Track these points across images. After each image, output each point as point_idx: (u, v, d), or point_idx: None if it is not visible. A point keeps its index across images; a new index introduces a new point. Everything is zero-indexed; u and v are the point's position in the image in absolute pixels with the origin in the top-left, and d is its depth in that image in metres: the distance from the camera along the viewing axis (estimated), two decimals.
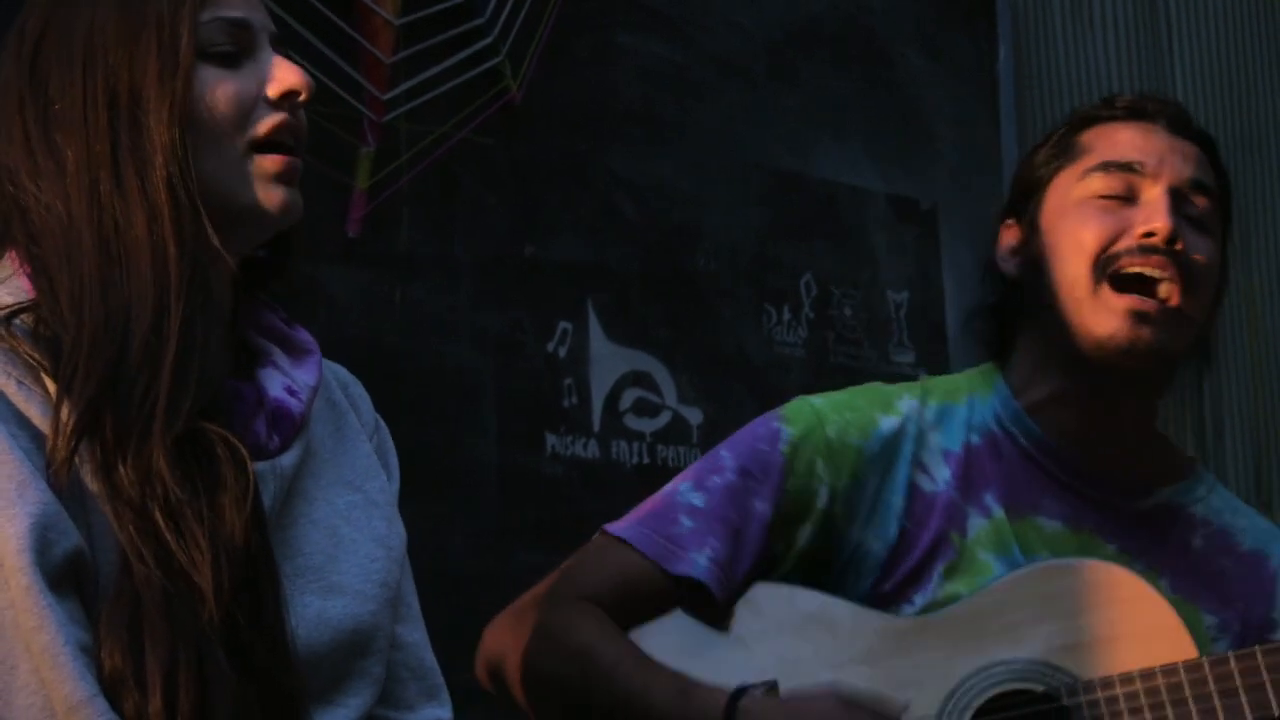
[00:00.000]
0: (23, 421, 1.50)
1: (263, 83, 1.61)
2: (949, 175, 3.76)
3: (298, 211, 1.63)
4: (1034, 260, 2.11)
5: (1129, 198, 2.07)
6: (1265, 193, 4.42)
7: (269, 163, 1.61)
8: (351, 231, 2.96)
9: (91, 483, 1.50)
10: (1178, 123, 2.13)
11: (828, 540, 2.09)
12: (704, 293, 3.38)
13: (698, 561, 2.02)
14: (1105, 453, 2.12)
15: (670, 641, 2.05)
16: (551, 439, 3.16)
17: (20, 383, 1.51)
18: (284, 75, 1.62)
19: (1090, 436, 2.11)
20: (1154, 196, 2.06)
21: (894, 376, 2.27)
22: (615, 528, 2.08)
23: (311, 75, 1.65)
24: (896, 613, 2.07)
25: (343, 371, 1.79)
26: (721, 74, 3.47)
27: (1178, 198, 2.06)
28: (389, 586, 1.68)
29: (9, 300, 1.55)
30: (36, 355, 1.51)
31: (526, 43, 3.18)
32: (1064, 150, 2.13)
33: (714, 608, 2.04)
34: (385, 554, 1.68)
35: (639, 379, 3.29)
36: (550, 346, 3.18)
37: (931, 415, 2.13)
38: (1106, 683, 1.98)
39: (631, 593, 2.04)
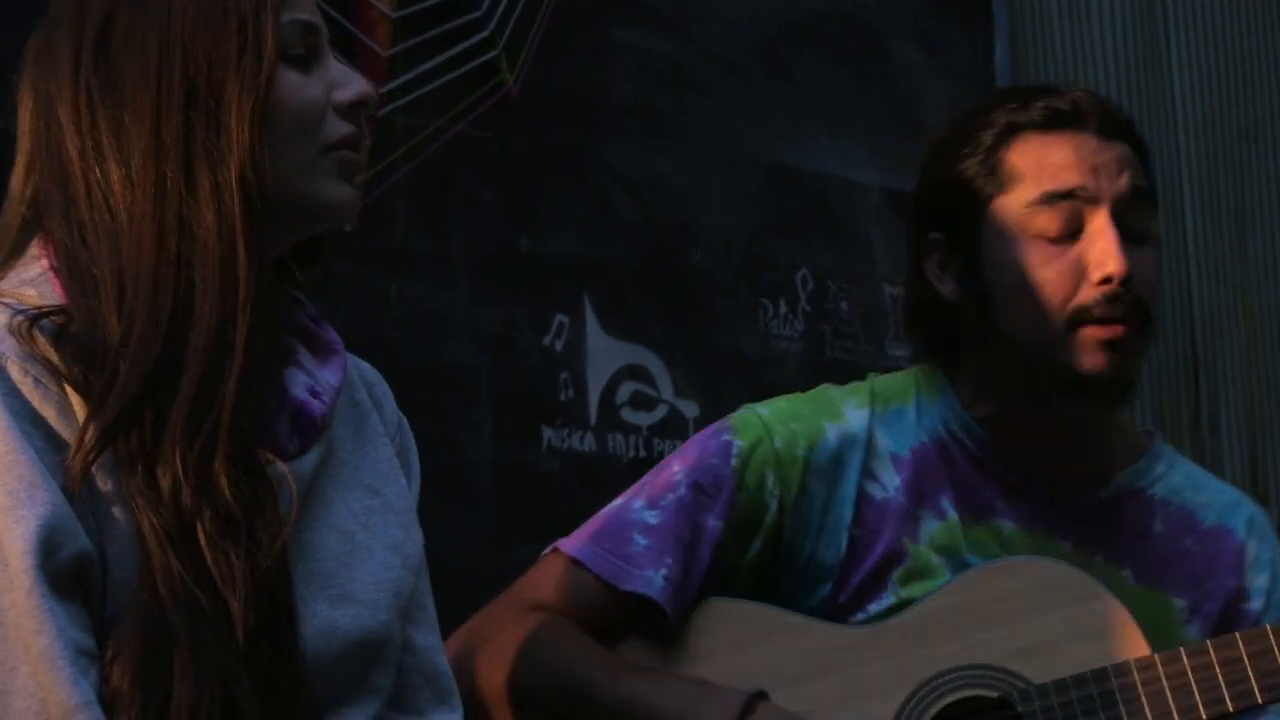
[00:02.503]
0: (38, 420, 1.48)
1: (331, 88, 1.59)
2: None
3: (358, 208, 1.63)
4: (978, 293, 2.08)
5: (1074, 231, 2.04)
6: (1262, 182, 4.42)
7: (341, 159, 1.59)
8: (348, 225, 2.95)
9: (125, 490, 1.48)
10: (1104, 124, 2.09)
11: (777, 552, 2.08)
12: (700, 287, 3.38)
13: (653, 580, 2.02)
14: (1056, 455, 2.11)
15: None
16: (548, 433, 3.16)
17: (38, 381, 1.48)
18: (356, 84, 1.60)
19: (1040, 445, 2.11)
20: (1098, 229, 2.03)
21: (890, 370, 2.26)
22: (568, 546, 2.07)
23: None
24: (851, 622, 2.06)
25: (368, 369, 1.76)
26: (718, 69, 3.47)
27: (1119, 214, 2.05)
28: (401, 596, 1.65)
29: (35, 297, 1.53)
30: (57, 359, 1.49)
31: (523, 36, 3.18)
32: (992, 170, 2.08)
33: (664, 626, 2.03)
34: (400, 562, 1.66)
35: (635, 373, 3.29)
36: (546, 340, 3.18)
37: (880, 421, 2.12)
38: (1060, 686, 1.98)
39: (579, 612, 2.04)
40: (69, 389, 1.49)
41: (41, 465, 1.46)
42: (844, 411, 2.12)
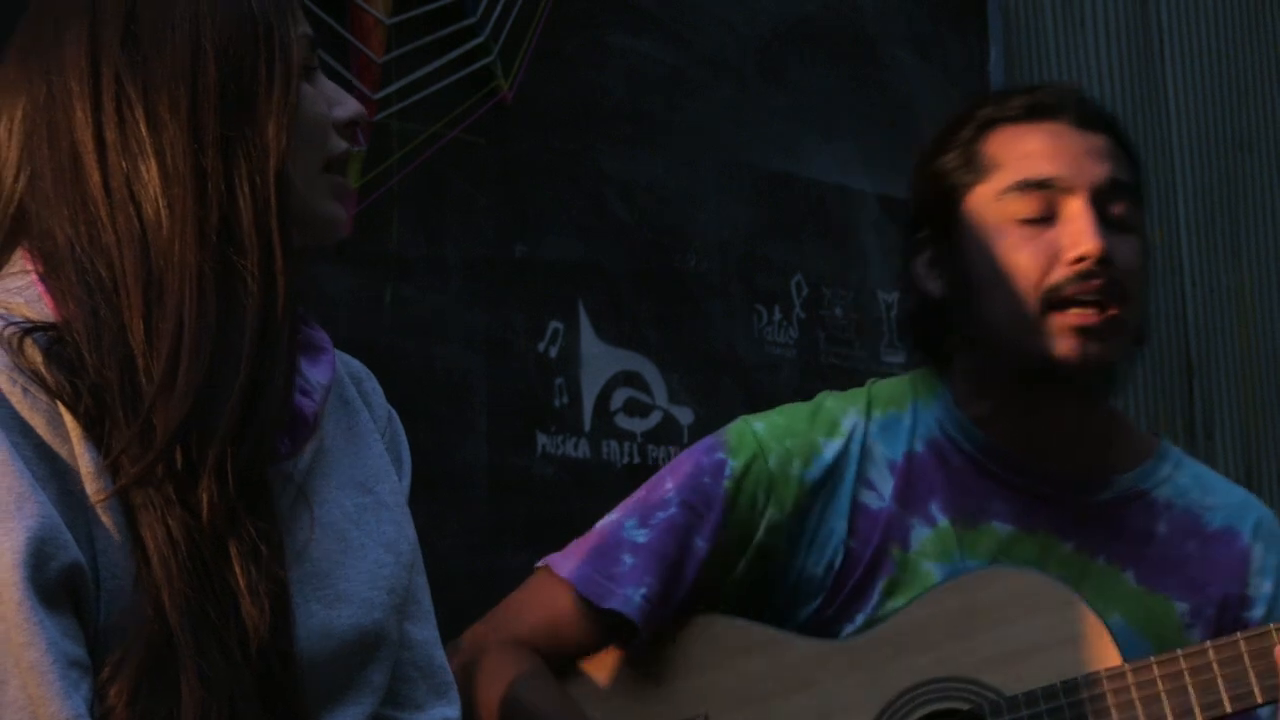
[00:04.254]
0: (26, 430, 1.46)
1: (330, 104, 1.61)
2: None
3: (346, 228, 1.65)
4: (960, 286, 2.08)
5: (1049, 216, 2.03)
6: (1256, 191, 4.42)
7: (338, 181, 1.62)
8: (335, 240, 2.95)
9: (128, 502, 1.46)
10: (1083, 115, 2.08)
11: (766, 569, 2.08)
12: (695, 292, 3.38)
13: (631, 598, 2.02)
14: (1054, 452, 2.10)
15: (609, 675, 2.05)
16: (542, 439, 3.16)
17: (26, 390, 1.46)
18: (349, 102, 1.62)
19: (1037, 441, 2.09)
20: (1075, 212, 2.02)
21: (885, 376, 2.26)
22: (559, 566, 2.08)
23: None
24: (838, 633, 2.06)
25: (356, 365, 1.76)
26: (712, 73, 3.47)
27: (1098, 203, 2.03)
28: (396, 593, 1.65)
29: (25, 307, 1.51)
30: (47, 375, 1.47)
31: (518, 42, 3.18)
32: (970, 161, 2.08)
33: (637, 643, 2.05)
34: (394, 559, 1.65)
35: (630, 379, 3.29)
36: (541, 346, 3.18)
37: (876, 427, 2.12)
38: (1031, 698, 1.98)
39: (561, 632, 2.06)
40: (59, 402, 1.47)
41: (30, 475, 1.44)
42: (840, 424, 2.12)
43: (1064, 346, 2.01)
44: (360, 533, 1.63)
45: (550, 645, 2.05)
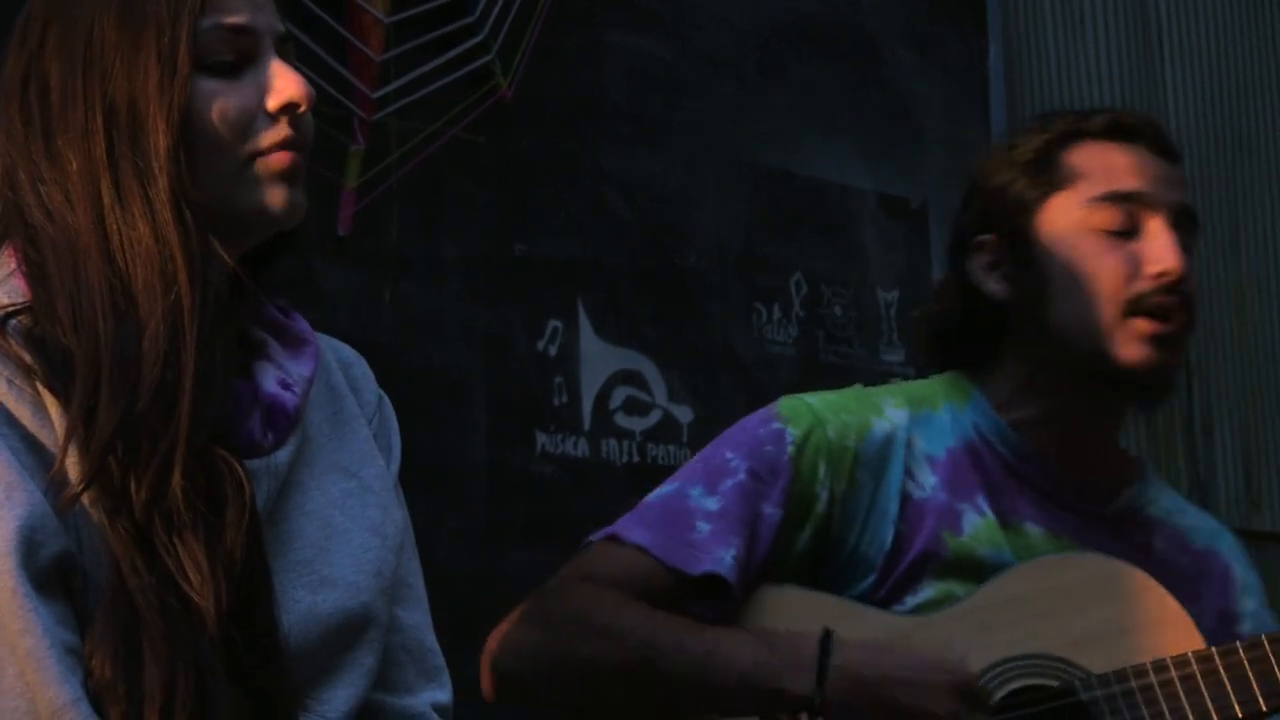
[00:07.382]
0: (12, 421, 1.48)
1: (263, 93, 1.57)
2: (939, 173, 3.76)
3: (301, 212, 1.60)
4: (1031, 289, 2.12)
5: (1132, 230, 2.10)
6: (1254, 189, 4.43)
7: (271, 162, 1.57)
8: (342, 229, 2.96)
9: (90, 496, 1.48)
10: (1161, 144, 2.16)
11: (823, 544, 2.08)
12: (694, 291, 3.38)
13: (723, 559, 2.01)
14: (1081, 463, 2.14)
15: None
16: (541, 437, 3.16)
17: (10, 382, 1.49)
18: (283, 87, 1.57)
19: (1070, 450, 2.14)
20: (1157, 230, 2.10)
21: (884, 375, 2.27)
22: (629, 534, 2.05)
23: (309, 79, 1.60)
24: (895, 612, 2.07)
25: (346, 350, 1.77)
26: (711, 71, 3.47)
27: (1174, 224, 2.11)
28: (383, 576, 1.65)
29: (3, 299, 1.53)
30: (29, 358, 1.49)
31: (517, 41, 3.18)
32: (1048, 170, 2.14)
33: (728, 610, 2.03)
34: (380, 543, 1.66)
35: (629, 377, 3.29)
36: (540, 345, 3.18)
37: (915, 423, 2.14)
38: (1121, 675, 2.01)
39: (647, 598, 2.01)
40: (41, 388, 1.50)
41: (18, 465, 1.47)
42: (885, 409, 2.14)
43: (1137, 352, 2.07)
44: (345, 518, 1.65)
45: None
